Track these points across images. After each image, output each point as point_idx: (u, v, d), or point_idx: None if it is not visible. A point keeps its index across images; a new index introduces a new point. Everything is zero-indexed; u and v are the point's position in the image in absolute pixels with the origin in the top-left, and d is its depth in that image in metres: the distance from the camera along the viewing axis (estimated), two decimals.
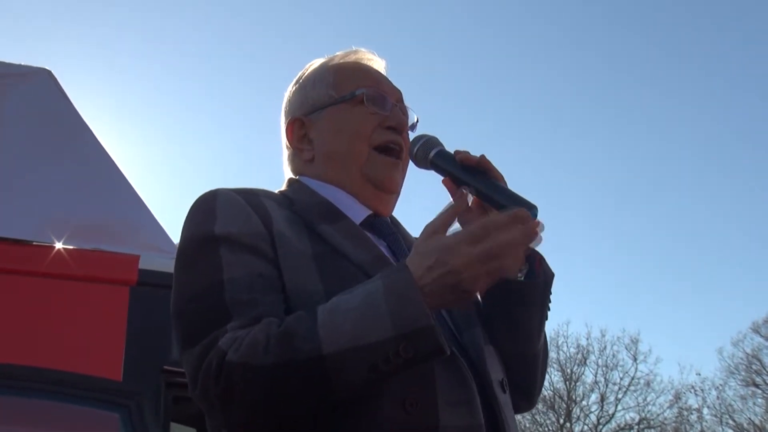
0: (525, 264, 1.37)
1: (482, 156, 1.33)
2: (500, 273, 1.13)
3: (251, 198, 1.33)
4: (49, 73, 3.20)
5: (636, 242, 38.38)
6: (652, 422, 27.73)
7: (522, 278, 1.38)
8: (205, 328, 1.18)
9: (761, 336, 27.71)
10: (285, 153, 1.55)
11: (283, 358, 1.10)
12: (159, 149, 41.04)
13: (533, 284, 1.38)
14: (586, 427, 27.85)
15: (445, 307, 1.23)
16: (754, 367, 27.70)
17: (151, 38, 39.73)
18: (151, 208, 3.13)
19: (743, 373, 27.92)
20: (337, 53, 1.57)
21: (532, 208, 1.26)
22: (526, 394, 1.49)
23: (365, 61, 1.56)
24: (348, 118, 1.46)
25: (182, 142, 42.51)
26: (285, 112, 1.56)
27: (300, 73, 1.58)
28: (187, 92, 41.71)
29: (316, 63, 1.57)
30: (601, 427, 27.68)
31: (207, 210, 1.31)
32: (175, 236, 3.14)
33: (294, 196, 1.41)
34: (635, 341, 28.26)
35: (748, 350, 27.90)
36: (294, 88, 1.56)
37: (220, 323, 1.17)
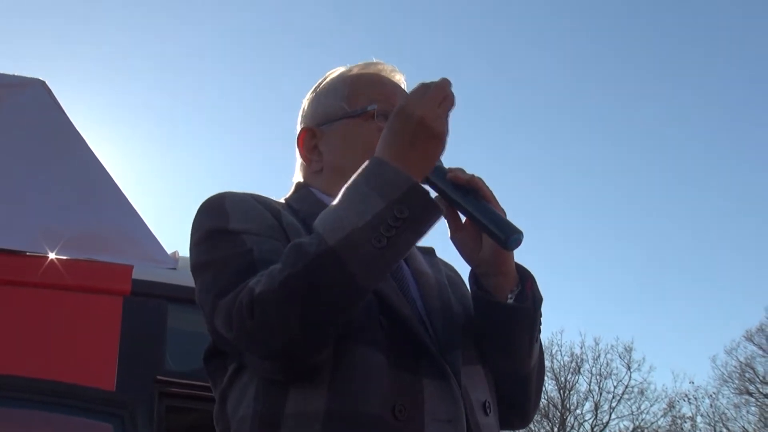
0: (517, 285, 1.38)
1: (472, 176, 1.33)
2: (449, 108, 1.24)
3: (260, 197, 1.36)
4: (42, 83, 3.21)
5: (630, 251, 38.45)
6: (646, 430, 27.71)
7: (512, 300, 1.37)
8: (235, 283, 1.20)
9: (754, 344, 27.76)
10: (297, 160, 1.55)
11: (296, 267, 1.14)
12: (154, 160, 41.00)
13: (521, 308, 1.37)
14: None
15: (427, 164, 1.25)
16: (747, 375, 27.73)
17: (145, 49, 39.74)
18: (145, 218, 3.14)
19: (736, 382, 27.94)
20: (357, 64, 1.56)
21: (516, 233, 1.26)
22: (519, 412, 1.48)
23: (384, 74, 1.54)
24: (358, 133, 1.45)
25: (177, 152, 42.47)
26: (299, 119, 1.55)
27: (318, 81, 1.57)
28: (183, 103, 41.70)
29: (335, 72, 1.56)
30: None
31: (218, 211, 1.32)
32: (170, 247, 3.16)
33: (298, 206, 1.41)
34: (629, 350, 28.26)
35: (742, 358, 27.94)
36: (310, 96, 1.55)
37: (249, 274, 1.20)
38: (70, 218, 2.99)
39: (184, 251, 3.22)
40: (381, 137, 1.25)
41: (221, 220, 1.29)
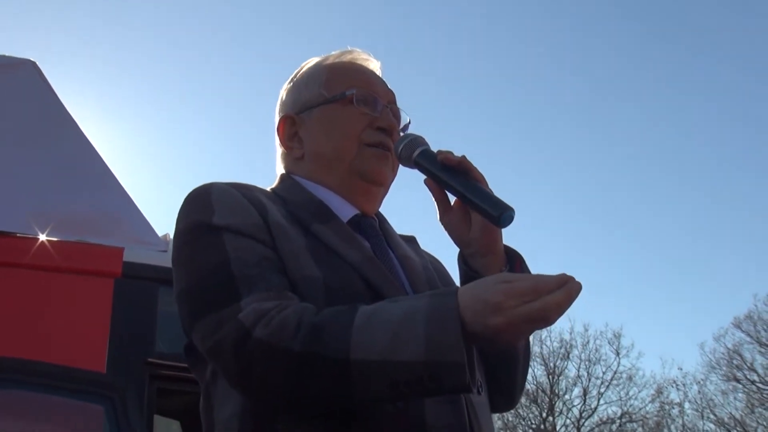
0: (505, 266, 1.39)
1: (463, 157, 1.33)
2: (541, 328, 1.14)
3: (246, 191, 1.34)
4: (33, 64, 3.19)
5: (619, 237, 38.59)
6: (634, 416, 27.89)
7: None
8: (215, 301, 1.17)
9: (742, 331, 27.90)
10: (278, 150, 1.55)
11: (309, 349, 1.10)
12: (145, 142, 40.86)
13: None
14: (568, 421, 27.99)
15: (487, 344, 1.19)
16: (735, 362, 27.89)
17: (136, 29, 39.49)
18: (135, 201, 3.13)
19: (724, 368, 28.10)
20: (333, 53, 1.56)
21: (507, 209, 1.27)
22: (506, 393, 1.49)
23: (360, 62, 1.55)
24: (337, 117, 1.45)
25: (168, 134, 42.36)
26: (278, 109, 1.56)
27: (295, 72, 1.58)
28: (175, 85, 41.51)
29: (312, 62, 1.57)
30: (583, 420, 27.81)
31: (203, 203, 1.30)
32: (160, 229, 3.16)
33: (286, 195, 1.41)
34: (618, 336, 28.39)
35: (730, 345, 28.08)
36: (288, 86, 1.56)
37: (230, 296, 1.17)
38: (61, 200, 2.98)
39: None
40: (475, 289, 1.13)
41: (205, 214, 1.28)
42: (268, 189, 1.45)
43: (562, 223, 38.70)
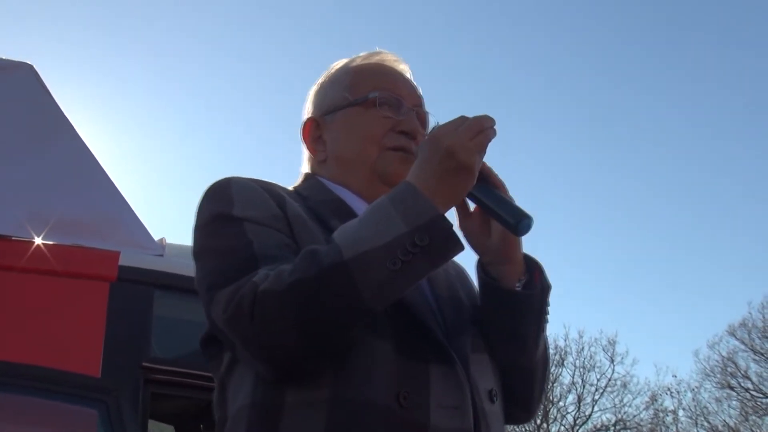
0: (524, 274, 1.37)
1: (482, 162, 1.32)
2: (486, 144, 1.23)
3: (265, 184, 1.35)
4: (30, 67, 3.19)
5: (614, 244, 38.61)
6: (628, 423, 27.88)
7: (520, 288, 1.36)
8: (235, 277, 1.19)
9: (737, 339, 27.94)
10: (304, 151, 1.55)
11: (307, 273, 1.13)
12: (142, 145, 40.82)
13: (529, 295, 1.36)
14: (563, 428, 27.95)
15: (455, 197, 1.25)
16: (729, 369, 27.92)
17: (134, 32, 39.46)
18: (132, 204, 3.13)
19: (719, 376, 28.13)
20: (360, 54, 1.56)
21: (525, 217, 1.26)
22: (523, 405, 1.48)
23: (388, 63, 1.54)
24: (360, 121, 1.45)
25: (165, 138, 42.27)
26: (305, 111, 1.56)
27: (324, 74, 1.57)
28: (172, 88, 41.48)
29: (339, 64, 1.56)
30: (577, 428, 27.79)
31: (223, 196, 1.31)
32: (157, 233, 3.15)
33: (307, 193, 1.42)
34: (612, 343, 28.38)
35: (724, 353, 28.11)
36: (315, 89, 1.56)
37: (250, 269, 1.19)
38: (57, 203, 2.98)
39: (172, 238, 3.22)
40: (415, 162, 1.25)
41: (226, 206, 1.29)
42: (290, 188, 1.45)
43: (557, 230, 38.72)
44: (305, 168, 1.53)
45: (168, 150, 41.66)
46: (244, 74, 40.12)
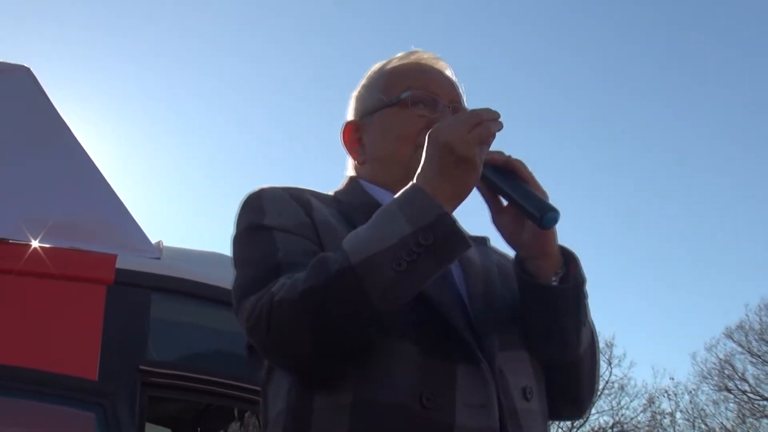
0: (561, 268, 1.36)
1: (509, 157, 1.32)
2: (489, 136, 1.23)
3: (295, 192, 1.39)
4: (27, 70, 3.19)
5: (611, 247, 38.63)
6: (625, 426, 27.89)
7: (556, 282, 1.35)
8: (258, 286, 1.24)
9: (734, 341, 27.96)
10: (347, 155, 1.58)
11: (317, 281, 1.17)
12: (139, 148, 40.75)
13: (563, 289, 1.35)
14: (560, 430, 28.00)
15: (459, 192, 1.24)
16: (726, 372, 27.93)
17: (129, 35, 39.45)
18: (129, 207, 3.13)
19: (716, 378, 28.14)
20: (397, 55, 1.57)
21: (551, 210, 1.25)
22: (571, 400, 1.47)
23: (425, 61, 1.54)
24: (394, 121, 1.46)
25: (163, 141, 42.26)
26: (347, 114, 1.58)
27: (364, 77, 1.59)
28: (170, 90, 41.47)
29: (376, 66, 1.58)
30: (575, 430, 27.74)
31: (255, 207, 1.37)
32: (154, 236, 3.16)
33: (343, 197, 1.45)
34: (610, 345, 28.38)
35: (721, 355, 28.13)
36: (354, 93, 1.58)
37: (272, 279, 1.24)
38: (54, 206, 2.98)
39: (169, 241, 3.22)
40: (421, 162, 1.26)
41: (258, 216, 1.35)
42: (332, 192, 1.48)
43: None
44: (349, 171, 1.56)
45: (165, 153, 41.68)
46: (243, 76, 40.14)
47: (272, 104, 39.32)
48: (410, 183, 1.23)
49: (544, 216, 1.25)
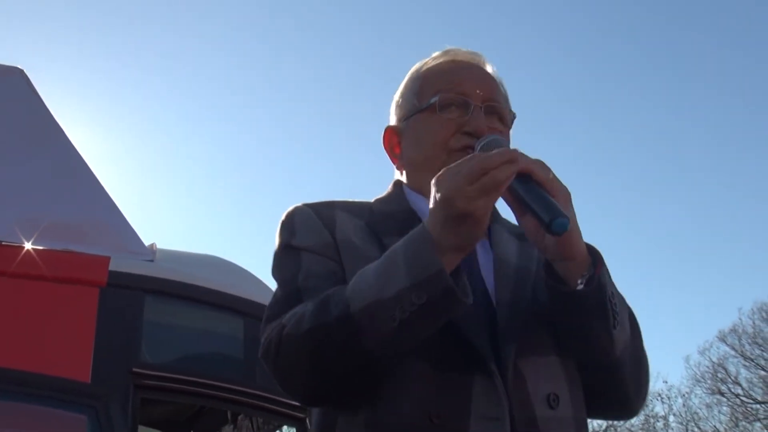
0: (588, 269, 1.31)
1: (528, 162, 1.26)
2: (495, 187, 1.17)
3: (323, 210, 1.41)
4: (21, 71, 3.19)
5: (604, 249, 38.58)
6: (618, 429, 27.94)
7: (582, 285, 1.31)
8: (279, 311, 1.29)
9: (727, 345, 27.99)
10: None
11: (317, 323, 1.19)
12: (133, 151, 40.68)
13: (585, 292, 1.30)
14: None
15: (465, 243, 1.21)
16: (719, 375, 27.96)
17: (123, 35, 39.40)
18: (123, 210, 3.13)
19: (709, 382, 28.16)
20: (433, 54, 1.55)
21: (560, 215, 1.21)
22: (618, 403, 1.44)
23: (461, 58, 1.52)
24: (426, 126, 1.44)
25: (157, 143, 42.20)
26: (390, 118, 1.57)
27: (406, 76, 1.58)
28: (165, 91, 41.42)
29: (413, 68, 1.56)
30: None
31: (288, 227, 1.42)
32: (147, 239, 3.15)
33: (379, 205, 1.45)
34: None
35: (714, 359, 28.15)
36: (396, 95, 1.57)
37: (289, 305, 1.28)
38: (47, 208, 2.97)
39: (162, 243, 3.22)
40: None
41: (289, 236, 1.40)
42: (373, 199, 1.49)
43: None
44: (396, 175, 1.55)
45: (159, 154, 41.61)
46: (240, 77, 40.09)
47: (271, 105, 39.31)
48: (422, 224, 1.20)
49: (553, 221, 1.21)
